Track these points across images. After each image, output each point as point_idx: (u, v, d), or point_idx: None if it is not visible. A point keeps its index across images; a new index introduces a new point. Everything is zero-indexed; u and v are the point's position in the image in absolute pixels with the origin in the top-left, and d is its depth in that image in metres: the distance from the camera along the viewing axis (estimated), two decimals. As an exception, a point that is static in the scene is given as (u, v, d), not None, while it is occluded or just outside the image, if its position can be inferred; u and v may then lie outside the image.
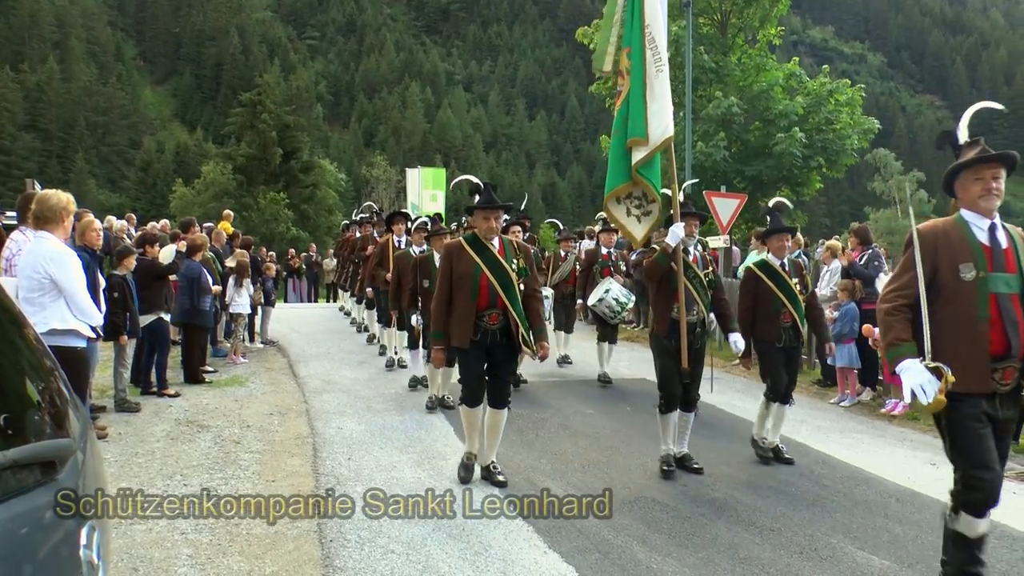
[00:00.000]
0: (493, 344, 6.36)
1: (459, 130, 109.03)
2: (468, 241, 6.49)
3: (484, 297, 6.30)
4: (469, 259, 6.33)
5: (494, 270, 6.30)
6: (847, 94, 24.94)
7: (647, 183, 7.11)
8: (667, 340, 6.85)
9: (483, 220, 6.44)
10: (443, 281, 6.45)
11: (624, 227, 7.40)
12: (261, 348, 14.60)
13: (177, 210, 46.44)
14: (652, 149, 7.01)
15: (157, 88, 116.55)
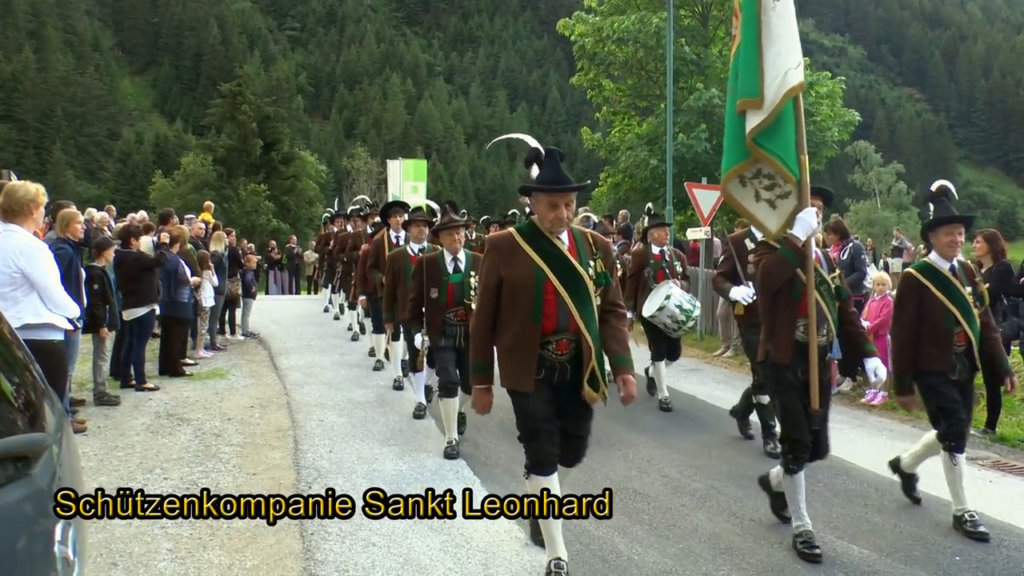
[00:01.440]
0: (562, 384, 4.49)
1: (440, 122, 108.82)
2: (524, 234, 4.54)
3: (551, 316, 4.40)
4: (526, 261, 4.43)
5: (564, 277, 4.42)
6: (827, 86, 25.02)
7: (772, 158, 5.15)
8: (791, 371, 5.11)
9: (548, 207, 4.42)
10: (487, 292, 4.57)
11: (753, 216, 5.48)
12: (242, 340, 14.53)
13: (157, 202, 46.05)
14: (771, 111, 5.11)
15: (136, 78, 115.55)
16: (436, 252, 7.52)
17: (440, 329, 7.24)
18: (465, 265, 7.29)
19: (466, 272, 7.22)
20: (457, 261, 7.30)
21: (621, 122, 27.22)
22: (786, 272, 5.01)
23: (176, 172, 53.85)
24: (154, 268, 9.90)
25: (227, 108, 55.38)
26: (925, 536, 5.31)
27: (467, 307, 7.05)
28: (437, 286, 7.21)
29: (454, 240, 7.31)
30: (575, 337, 4.42)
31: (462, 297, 7.18)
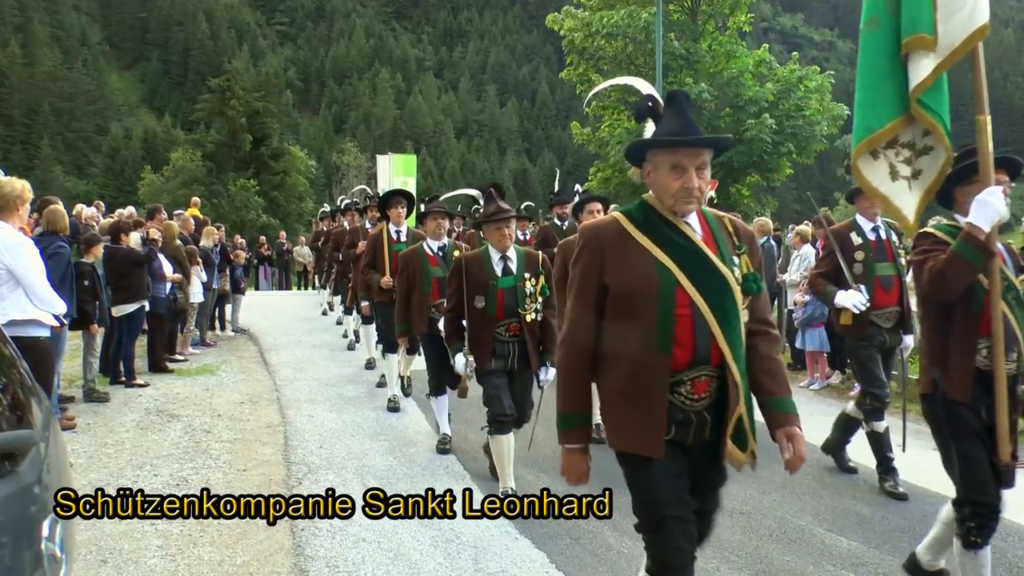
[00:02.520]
0: (699, 442, 3.05)
1: (430, 116, 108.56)
2: (636, 219, 3.05)
3: (685, 342, 2.93)
4: (644, 258, 2.97)
5: (702, 281, 2.95)
6: (817, 81, 25.13)
7: (934, 120, 3.90)
8: (971, 410, 3.85)
9: (671, 173, 2.97)
10: (583, 308, 3.07)
11: (886, 199, 4.09)
12: (232, 336, 14.51)
13: (146, 197, 45.95)
14: (947, 56, 3.89)
15: (124, 73, 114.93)
16: (479, 250, 5.97)
17: (488, 348, 5.75)
18: (518, 265, 5.81)
19: (519, 275, 5.77)
20: (507, 261, 5.80)
21: (611, 116, 27.25)
22: (969, 276, 3.76)
23: (165, 168, 53.75)
24: (144, 264, 9.86)
25: (216, 103, 55.33)
26: (913, 528, 5.33)
27: (522, 318, 5.76)
28: (483, 293, 5.71)
29: (504, 235, 5.75)
30: (718, 372, 2.94)
31: (516, 306, 5.74)
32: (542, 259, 5.93)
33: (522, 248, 6.03)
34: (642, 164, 3.10)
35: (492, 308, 5.74)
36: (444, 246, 7.26)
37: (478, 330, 5.76)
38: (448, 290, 5.96)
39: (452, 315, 5.88)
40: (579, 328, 3.07)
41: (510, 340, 5.80)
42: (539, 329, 5.86)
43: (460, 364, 5.79)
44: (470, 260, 5.85)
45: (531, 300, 5.76)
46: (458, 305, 5.80)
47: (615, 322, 2.99)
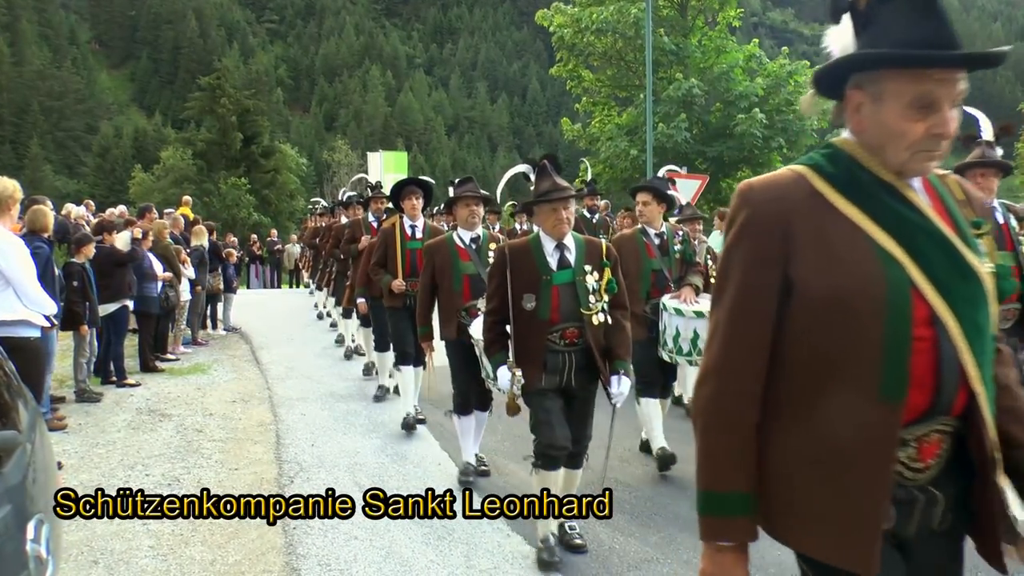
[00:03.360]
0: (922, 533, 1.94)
1: (421, 114, 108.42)
2: (836, 178, 1.89)
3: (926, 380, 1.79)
4: (856, 239, 1.83)
5: (946, 276, 1.82)
6: (807, 75, 25.14)
7: None
8: None
9: (912, 114, 1.80)
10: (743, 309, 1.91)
11: None
12: (223, 335, 14.48)
13: (136, 196, 45.80)
14: None
15: (113, 72, 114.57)
16: (528, 238, 4.86)
17: (539, 360, 4.59)
18: (576, 256, 4.69)
19: (579, 267, 4.65)
20: (564, 251, 4.68)
21: (601, 112, 27.28)
22: None
23: (156, 166, 53.58)
24: (127, 263, 9.83)
25: (206, 101, 55.18)
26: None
27: (585, 322, 4.59)
28: (534, 291, 4.59)
29: (560, 219, 4.58)
30: (955, 425, 1.88)
31: (575, 307, 4.61)
32: (606, 248, 4.78)
33: (581, 236, 4.86)
34: (843, 93, 1.91)
35: (545, 310, 4.56)
36: (478, 237, 6.20)
37: (527, 337, 4.60)
38: (488, 288, 4.83)
39: (493, 319, 4.74)
40: (739, 357, 1.93)
41: (565, 350, 4.60)
42: (605, 334, 4.67)
43: (505, 380, 4.63)
44: (516, 251, 4.71)
45: (596, 298, 4.60)
46: (500, 307, 4.68)
47: (803, 348, 1.87)
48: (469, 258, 6.13)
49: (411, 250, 7.45)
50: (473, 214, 6.23)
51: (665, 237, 6.47)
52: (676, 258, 6.47)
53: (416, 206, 7.53)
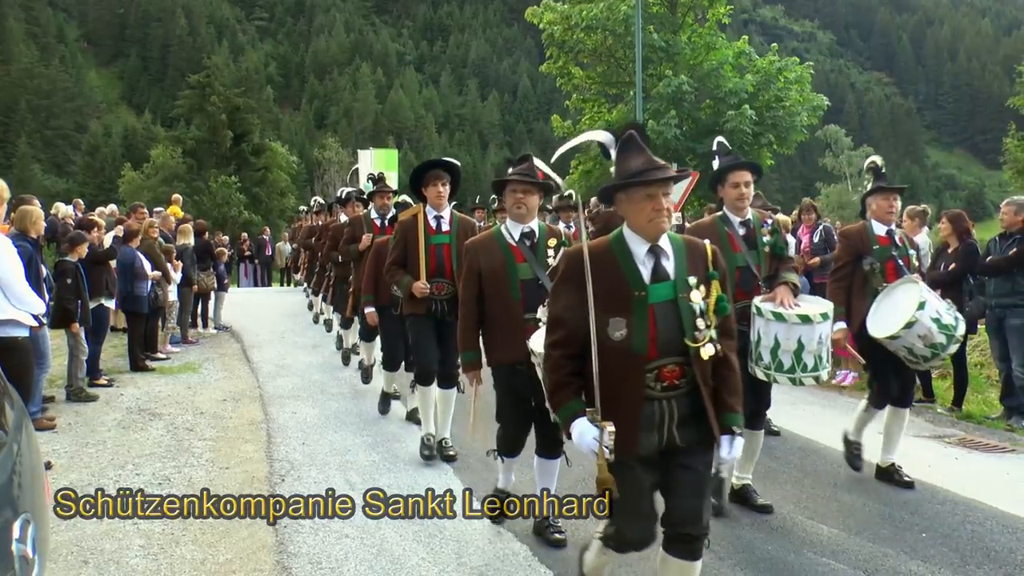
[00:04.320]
0: None
1: (411, 111, 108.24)
2: None
3: None
4: None
5: None
6: (796, 72, 25.22)
7: None
8: None
9: None
10: None
11: None
12: (214, 334, 14.45)
13: (126, 195, 45.59)
14: None
15: (102, 70, 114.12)
16: (607, 239, 3.45)
17: (634, 413, 3.28)
18: (677, 263, 3.37)
19: (681, 279, 3.34)
20: (660, 256, 3.34)
21: (591, 109, 27.27)
22: None
23: (145, 165, 53.30)
24: (105, 261, 9.78)
25: (196, 99, 54.98)
26: (893, 514, 5.38)
27: (692, 357, 3.30)
28: (623, 312, 3.27)
29: (659, 211, 3.28)
30: None
31: (678, 335, 3.30)
32: (711, 252, 3.45)
33: (680, 236, 3.54)
34: None
35: (641, 340, 3.24)
36: (532, 232, 5.01)
37: (614, 381, 3.24)
38: (552, 309, 3.50)
39: (561, 354, 3.39)
40: None
41: (664, 396, 3.29)
42: (714, 374, 3.38)
43: (588, 441, 3.22)
44: (597, 257, 3.31)
45: (704, 322, 3.31)
46: (570, 338, 3.36)
47: None
48: (524, 259, 4.95)
49: (436, 246, 6.29)
50: (519, 203, 4.99)
51: (752, 226, 5.23)
52: (765, 252, 5.21)
53: (443, 194, 6.30)
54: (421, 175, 6.41)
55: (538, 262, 4.93)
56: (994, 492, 5.63)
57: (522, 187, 4.99)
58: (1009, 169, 34.44)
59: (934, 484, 5.89)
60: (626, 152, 3.38)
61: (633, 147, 3.36)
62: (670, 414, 3.30)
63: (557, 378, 3.40)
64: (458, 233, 6.27)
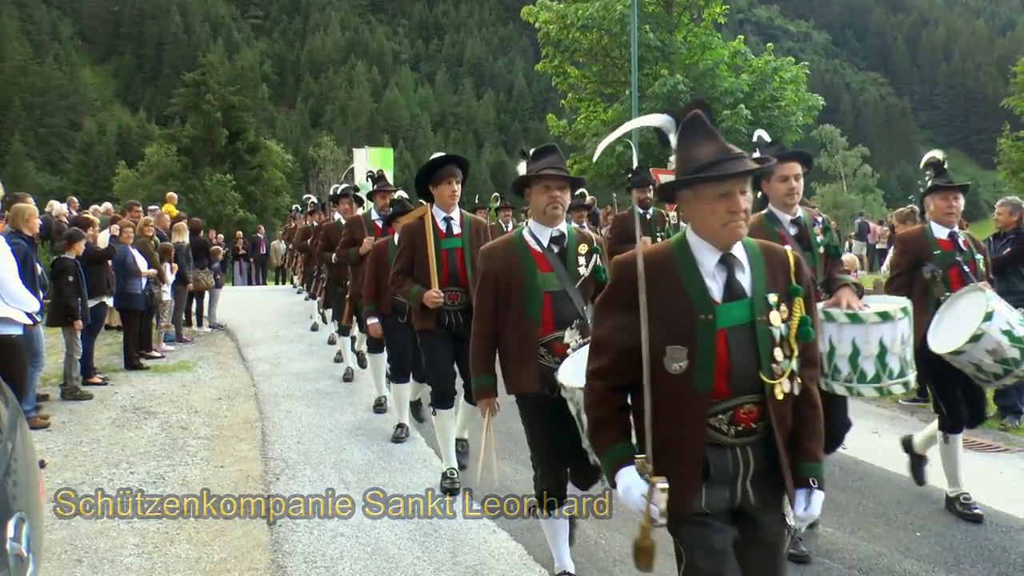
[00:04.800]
0: None
1: (406, 110, 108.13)
2: None
3: None
4: None
5: None
6: (792, 71, 25.26)
7: None
8: None
9: None
10: None
11: None
12: (209, 332, 14.43)
13: (120, 193, 45.58)
14: None
15: (97, 68, 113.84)
16: (670, 244, 2.78)
17: (694, 462, 2.64)
18: (754, 275, 2.71)
19: (758, 296, 2.68)
20: (734, 268, 2.69)
21: (587, 109, 27.28)
22: None
23: (140, 163, 53.27)
24: (105, 260, 9.78)
25: (191, 97, 54.93)
26: (887, 513, 5.39)
27: (768, 395, 2.64)
28: (685, 340, 2.61)
29: (736, 211, 2.61)
30: None
31: (753, 368, 2.64)
32: (794, 260, 2.78)
33: (756, 241, 2.81)
34: None
35: (705, 375, 2.59)
36: (561, 236, 4.24)
37: (671, 424, 2.61)
38: (596, 332, 2.86)
39: (605, 385, 2.77)
40: None
41: (737, 442, 2.65)
42: (791, 412, 2.72)
43: (635, 498, 2.60)
44: (654, 268, 2.65)
45: (784, 352, 2.66)
46: (618, 367, 2.72)
47: None
48: (550, 267, 4.19)
49: (448, 251, 5.70)
50: (555, 202, 4.18)
51: (803, 225, 4.65)
52: (820, 253, 4.64)
53: (456, 192, 5.73)
54: (431, 172, 5.72)
55: (568, 273, 4.19)
56: (988, 491, 5.64)
57: (558, 183, 4.19)
58: (1003, 169, 34.51)
59: (929, 483, 5.90)
60: (691, 138, 2.70)
61: (700, 132, 2.69)
62: (744, 465, 2.64)
63: (601, 414, 2.77)
64: (471, 236, 5.71)
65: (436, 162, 5.79)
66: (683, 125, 2.73)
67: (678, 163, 2.73)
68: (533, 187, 4.23)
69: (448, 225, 5.75)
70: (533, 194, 4.23)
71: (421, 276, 5.68)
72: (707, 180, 2.58)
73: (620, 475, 2.66)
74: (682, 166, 2.70)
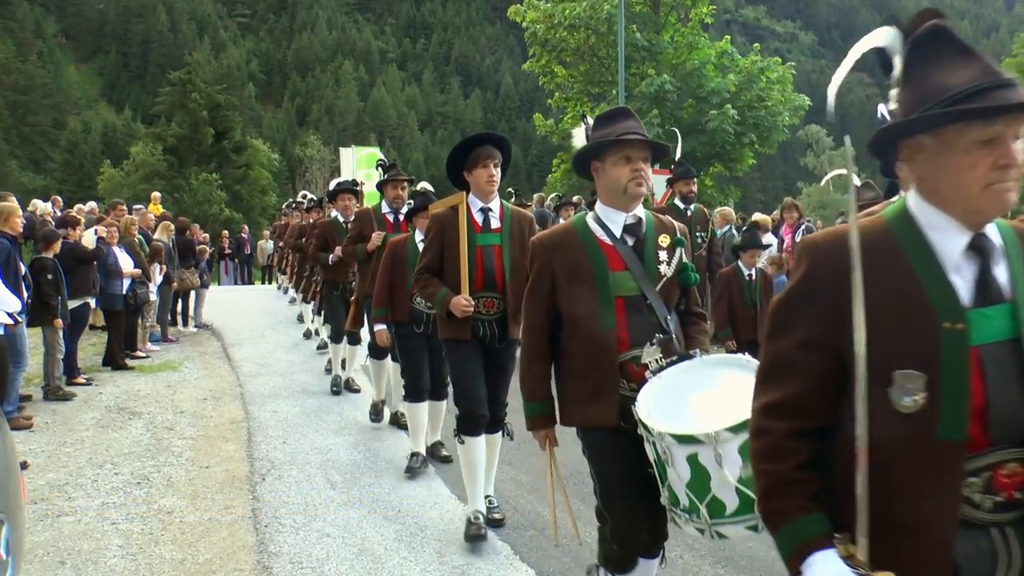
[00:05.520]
0: None
1: (393, 109, 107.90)
2: None
3: None
4: None
5: None
6: (778, 72, 25.34)
7: None
8: None
9: None
10: None
11: None
12: (195, 332, 14.36)
13: (105, 192, 45.33)
14: None
15: (81, 66, 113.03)
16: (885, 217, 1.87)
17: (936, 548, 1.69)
18: (1015, 272, 1.77)
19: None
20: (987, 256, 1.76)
21: (574, 108, 27.30)
22: None
23: (125, 162, 53.04)
24: (91, 261, 9.73)
25: (177, 96, 54.78)
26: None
27: None
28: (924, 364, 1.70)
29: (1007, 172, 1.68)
30: None
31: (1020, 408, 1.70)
32: None
33: (1007, 222, 1.90)
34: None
35: (954, 416, 1.69)
36: (638, 223, 3.33)
37: (901, 488, 1.73)
38: (770, 350, 1.91)
39: (789, 429, 1.84)
40: None
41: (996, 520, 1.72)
42: None
43: None
44: (868, 251, 1.74)
45: None
46: (808, 401, 1.84)
47: None
48: (624, 265, 3.26)
49: (484, 248, 4.79)
50: (639, 177, 3.26)
51: None
52: None
53: (494, 178, 4.74)
54: (465, 153, 4.78)
55: (646, 272, 3.27)
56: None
57: (642, 152, 3.28)
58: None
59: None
60: (934, 57, 1.79)
61: (947, 48, 1.79)
62: (1007, 555, 1.72)
63: (779, 470, 1.82)
64: (511, 232, 4.84)
65: (470, 142, 4.85)
66: (917, 40, 1.83)
67: (908, 95, 1.84)
68: (607, 158, 3.29)
69: (485, 218, 4.82)
70: (605, 168, 3.30)
71: (450, 278, 4.79)
72: (969, 116, 1.67)
73: (813, 564, 1.74)
74: (917, 99, 1.80)
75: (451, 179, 4.90)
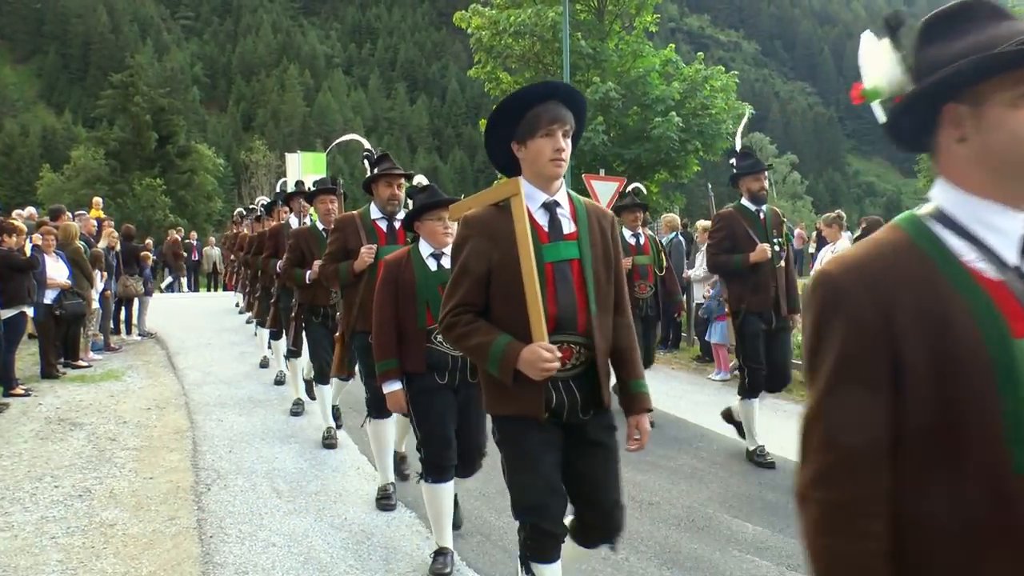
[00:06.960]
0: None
1: (339, 114, 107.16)
2: None
3: None
4: None
5: None
6: (722, 80, 25.70)
7: None
8: None
9: None
10: None
11: None
12: (138, 340, 14.13)
13: (45, 197, 44.30)
14: None
15: (19, 67, 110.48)
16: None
17: None
18: None
19: None
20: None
21: (521, 115, 27.30)
22: None
23: (66, 166, 51.88)
24: (26, 269, 9.53)
25: (119, 99, 53.76)
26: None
27: None
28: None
29: None
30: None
31: None
32: None
33: None
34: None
35: None
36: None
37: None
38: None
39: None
40: None
41: None
42: None
43: None
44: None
45: None
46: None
47: None
48: None
49: (556, 265, 3.05)
50: None
51: None
52: None
53: (562, 153, 3.01)
54: (517, 116, 3.01)
55: None
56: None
57: None
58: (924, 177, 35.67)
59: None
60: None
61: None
62: None
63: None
64: (592, 238, 3.12)
65: (525, 95, 3.05)
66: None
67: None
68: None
69: (552, 218, 3.08)
70: None
71: (510, 314, 3.00)
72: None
73: None
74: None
75: (492, 159, 3.21)
